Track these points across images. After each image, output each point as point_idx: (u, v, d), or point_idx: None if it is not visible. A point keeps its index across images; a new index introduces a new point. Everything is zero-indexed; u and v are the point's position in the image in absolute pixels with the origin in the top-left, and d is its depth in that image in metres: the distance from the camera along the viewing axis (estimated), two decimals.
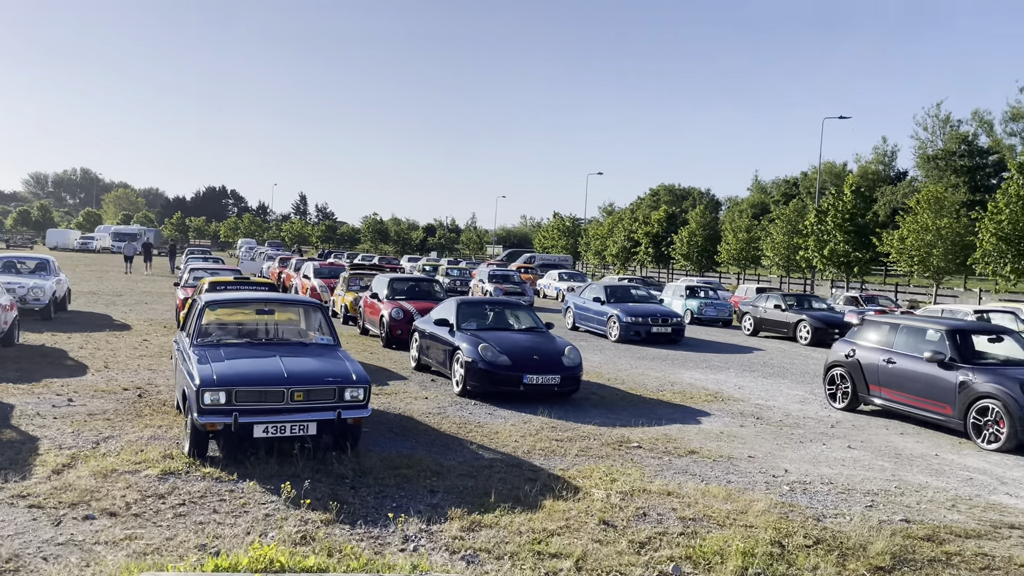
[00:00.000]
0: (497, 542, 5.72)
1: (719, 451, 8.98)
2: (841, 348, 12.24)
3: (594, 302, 21.08)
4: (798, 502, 7.15)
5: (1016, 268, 28.77)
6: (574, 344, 12.18)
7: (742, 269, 49.92)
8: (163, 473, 6.90)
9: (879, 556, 5.84)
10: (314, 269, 25.71)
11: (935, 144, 60.89)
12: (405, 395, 11.30)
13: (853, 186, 38.99)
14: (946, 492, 7.78)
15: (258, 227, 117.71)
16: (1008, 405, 9.45)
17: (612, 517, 6.40)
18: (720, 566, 5.49)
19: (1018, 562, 5.94)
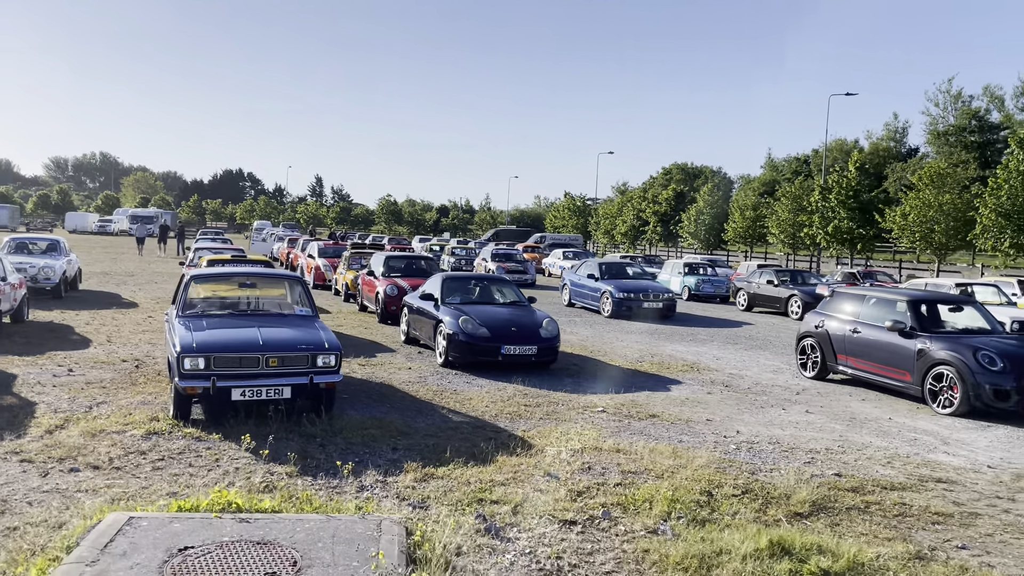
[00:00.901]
0: (445, 491, 6.24)
1: (679, 415, 9.45)
2: (812, 319, 12.64)
3: (588, 279, 21.51)
4: (739, 459, 7.61)
5: (1016, 243, 28.87)
6: (554, 317, 12.66)
7: (749, 247, 50.05)
8: (147, 433, 7.47)
9: (800, 504, 6.30)
10: (318, 249, 26.29)
11: (946, 120, 60.53)
12: (390, 366, 11.83)
13: (857, 163, 38.98)
14: (886, 451, 8.22)
15: (273, 209, 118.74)
16: (961, 371, 9.84)
17: (557, 470, 6.90)
18: (647, 511, 5.98)
19: (932, 510, 6.39)
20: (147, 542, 4.62)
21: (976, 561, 5.34)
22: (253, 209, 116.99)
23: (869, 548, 5.40)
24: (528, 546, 5.24)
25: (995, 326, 11.15)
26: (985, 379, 9.65)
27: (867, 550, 5.34)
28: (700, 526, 5.69)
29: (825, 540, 5.46)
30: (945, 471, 7.54)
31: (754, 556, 5.11)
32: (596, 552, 5.22)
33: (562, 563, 5.01)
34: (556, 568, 4.94)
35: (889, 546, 5.49)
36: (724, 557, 5.10)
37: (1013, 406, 9.61)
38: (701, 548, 5.23)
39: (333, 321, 17.01)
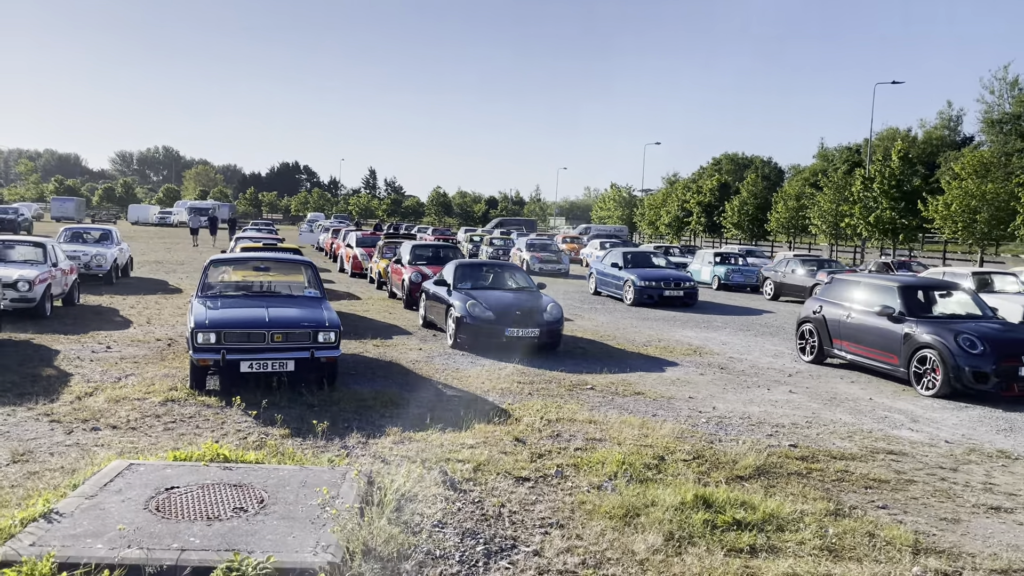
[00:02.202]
0: (418, 451, 6.92)
1: (664, 393, 9.97)
2: (811, 305, 12.99)
3: (612, 267, 21.99)
4: (703, 431, 8.13)
5: None
6: (560, 303, 13.27)
7: (792, 238, 49.68)
8: (165, 400, 8.33)
9: (743, 468, 6.82)
10: (356, 239, 27.26)
11: (1002, 108, 58.89)
12: (403, 347, 12.57)
13: (901, 152, 38.51)
14: (851, 427, 8.63)
15: (327, 201, 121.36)
16: (943, 354, 10.14)
17: (526, 436, 7.53)
18: (598, 471, 6.57)
19: (871, 476, 6.84)
20: (140, 483, 5.40)
21: (889, 518, 5.80)
22: (307, 201, 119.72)
23: (791, 505, 5.90)
24: (479, 496, 5.89)
25: (985, 311, 11.38)
26: (965, 362, 9.94)
27: (787, 506, 5.85)
28: (641, 484, 6.25)
29: (750, 497, 5.98)
30: (901, 445, 7.95)
31: (678, 508, 5.67)
32: (538, 503, 5.84)
33: (504, 510, 5.64)
34: (497, 514, 5.57)
35: (811, 504, 5.98)
36: (651, 508, 5.67)
37: (992, 388, 9.89)
38: (632, 501, 5.80)
39: (361, 306, 17.87)
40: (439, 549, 4.90)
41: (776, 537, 5.31)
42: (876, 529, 5.51)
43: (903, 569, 4.86)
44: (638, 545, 5.07)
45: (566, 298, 21.87)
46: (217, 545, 4.49)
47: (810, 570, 4.78)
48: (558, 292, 23.32)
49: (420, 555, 4.79)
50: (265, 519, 4.92)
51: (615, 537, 5.21)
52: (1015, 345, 10.10)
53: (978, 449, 7.90)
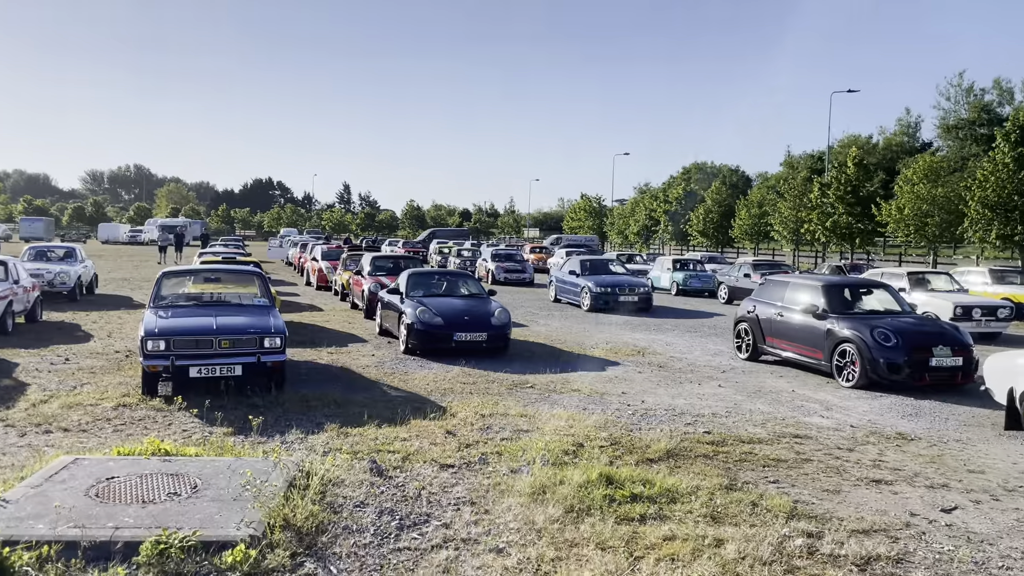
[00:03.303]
0: (353, 444, 7.41)
1: (599, 389, 10.52)
2: (746, 305, 13.64)
3: (570, 275, 22.59)
4: (627, 421, 8.68)
5: (1002, 234, 29.43)
6: (505, 307, 13.84)
7: (755, 244, 50.68)
8: (117, 406, 8.75)
9: (654, 452, 7.38)
10: (321, 252, 27.67)
11: (958, 114, 60.51)
12: (357, 354, 13.04)
13: (856, 159, 39.60)
14: (767, 415, 9.24)
15: (300, 217, 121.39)
16: (860, 348, 10.80)
17: (457, 429, 8.05)
18: (519, 456, 7.10)
19: (772, 457, 7.42)
20: (84, 474, 5.85)
21: (776, 491, 6.38)
22: (280, 217, 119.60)
23: (688, 481, 6.46)
24: (403, 481, 6.40)
25: (903, 307, 12.09)
26: (880, 354, 10.60)
27: (684, 482, 6.41)
28: (556, 467, 6.78)
29: (652, 476, 6.54)
30: (808, 430, 8.55)
31: (583, 485, 6.21)
32: (457, 485, 6.35)
33: (423, 492, 6.15)
34: (416, 495, 6.08)
35: (708, 480, 6.55)
36: (558, 487, 6.20)
37: (905, 378, 10.55)
38: (543, 481, 6.33)
39: (322, 317, 18.31)
40: (356, 524, 5.39)
41: (667, 508, 5.86)
42: (760, 499, 6.08)
43: (774, 531, 5.43)
44: (539, 517, 5.60)
45: (527, 305, 22.46)
46: (149, 524, 4.96)
47: (688, 533, 5.33)
48: (521, 300, 23.90)
49: (338, 529, 5.28)
50: (196, 502, 5.39)
51: (520, 511, 5.74)
52: (926, 338, 10.77)
53: (879, 432, 8.53)
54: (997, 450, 7.90)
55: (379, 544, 5.11)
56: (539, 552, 5.01)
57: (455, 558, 4.91)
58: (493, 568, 4.77)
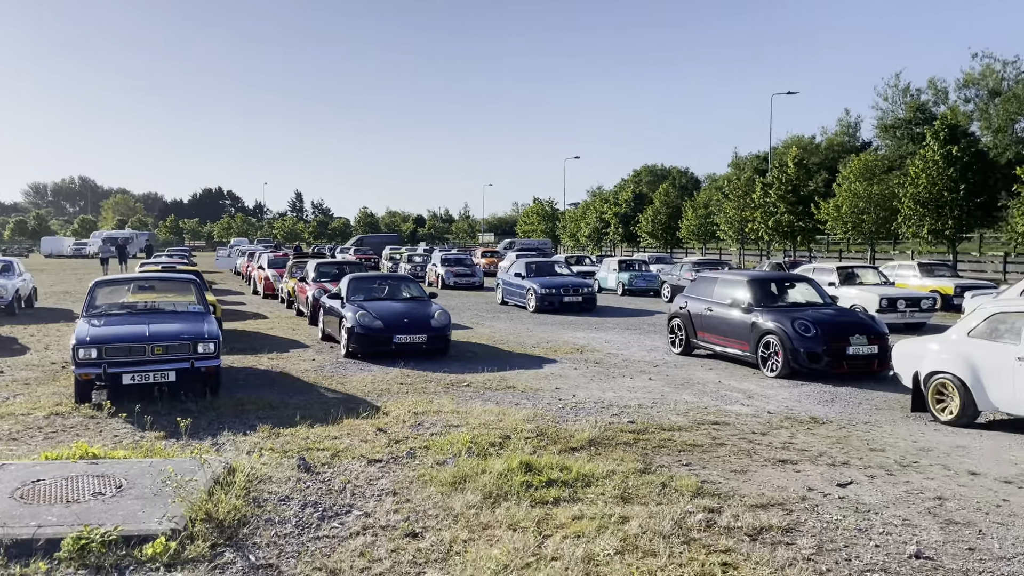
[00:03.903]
0: (284, 443, 7.58)
1: (534, 386, 10.81)
2: (678, 302, 14.07)
3: (516, 277, 22.91)
4: (555, 414, 8.98)
5: (933, 229, 30.52)
6: (446, 309, 14.06)
7: (703, 244, 51.62)
8: (49, 414, 8.78)
9: (577, 441, 7.67)
10: (268, 260, 27.59)
11: (895, 113, 62.37)
12: (297, 359, 13.15)
13: (796, 159, 40.67)
14: (691, 405, 9.62)
15: (251, 226, 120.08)
16: (782, 339, 11.27)
17: (389, 427, 8.26)
18: (447, 449, 7.34)
19: (689, 443, 7.77)
20: (9, 478, 5.94)
21: (687, 472, 6.72)
22: (230, 227, 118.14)
23: (605, 466, 6.77)
24: (329, 477, 6.60)
25: (825, 299, 12.62)
26: (800, 344, 11.08)
27: (601, 467, 6.72)
28: (481, 458, 7.04)
29: (571, 463, 6.83)
30: (727, 417, 8.94)
31: (503, 473, 6.47)
32: (382, 478, 6.57)
33: (350, 486, 6.36)
34: (341, 488, 6.29)
35: (624, 465, 6.86)
36: (480, 475, 6.46)
37: (824, 367, 11.05)
38: (466, 471, 6.59)
39: (267, 324, 18.33)
40: (279, 516, 5.59)
41: (582, 491, 6.15)
42: (670, 480, 6.41)
43: (678, 508, 5.75)
44: (457, 503, 5.85)
45: (474, 308, 22.70)
46: (72, 521, 5.10)
47: (597, 512, 5.63)
48: (469, 304, 24.15)
49: (260, 522, 5.47)
50: (121, 500, 5.53)
51: (440, 499, 5.98)
52: (844, 328, 11.29)
53: (793, 417, 8.96)
54: (901, 430, 8.37)
55: (300, 534, 5.31)
56: (453, 535, 5.26)
57: (371, 543, 5.13)
58: (407, 550, 5.01)
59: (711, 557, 4.86)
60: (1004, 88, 56.79)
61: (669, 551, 4.94)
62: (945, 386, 8.66)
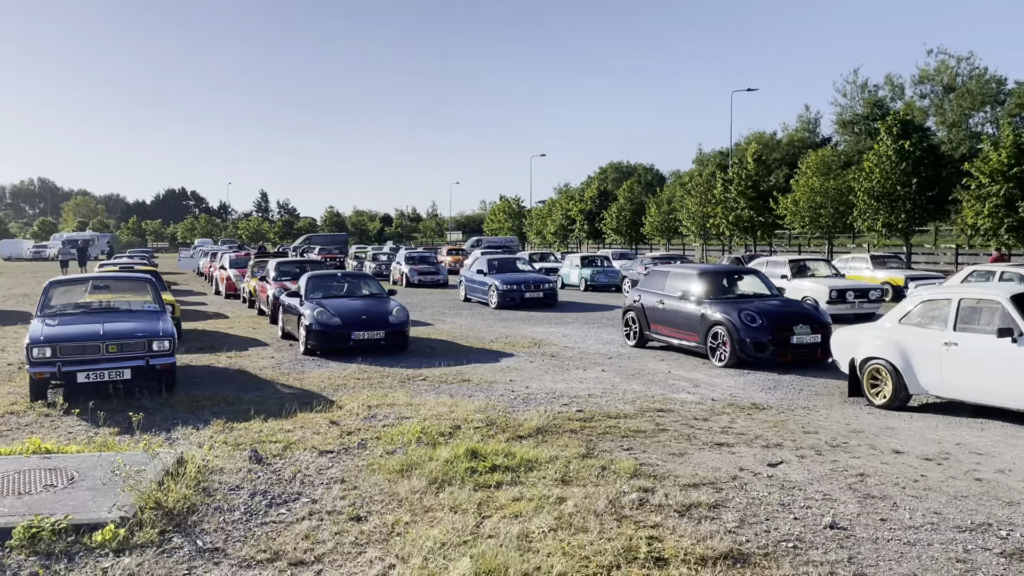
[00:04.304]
0: (237, 437, 7.73)
1: (489, 379, 11.04)
2: (632, 295, 14.40)
3: (478, 274, 23.13)
4: (506, 405, 9.22)
5: (887, 222, 31.28)
6: (404, 306, 14.26)
7: (667, 240, 52.25)
8: (4, 413, 8.84)
9: (525, 430, 7.92)
10: (230, 260, 27.51)
11: (853, 109, 63.59)
12: (256, 357, 13.25)
13: (755, 155, 41.37)
14: (639, 394, 9.91)
15: (215, 227, 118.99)
16: (730, 329, 11.62)
17: (342, 420, 8.44)
18: (397, 439, 7.55)
19: (633, 429, 8.05)
20: None
21: (627, 456, 6.99)
22: (194, 228, 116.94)
23: (549, 452, 7.02)
24: (280, 467, 6.77)
25: (772, 291, 13.03)
26: (747, 334, 11.45)
27: (545, 453, 6.97)
28: (430, 447, 7.26)
29: (516, 449, 7.07)
30: (672, 404, 9.25)
31: (450, 460, 6.70)
32: (332, 467, 6.76)
33: (300, 475, 6.54)
34: (291, 477, 6.47)
35: (568, 451, 7.12)
36: (427, 463, 6.68)
37: (769, 356, 11.42)
38: (414, 459, 6.80)
39: (227, 324, 18.36)
40: (228, 504, 5.76)
41: (524, 475, 6.40)
42: (610, 464, 6.68)
43: (614, 488, 6.02)
44: (403, 488, 6.07)
45: (437, 305, 22.89)
46: (23, 511, 5.24)
47: (536, 493, 5.88)
48: (432, 301, 24.31)
49: (209, 509, 5.64)
50: (72, 491, 5.67)
51: (387, 485, 6.20)
52: (788, 318, 11.68)
53: (735, 403, 9.29)
54: (836, 414, 8.74)
55: (247, 520, 5.49)
56: (396, 517, 5.48)
57: (316, 527, 5.33)
58: (350, 533, 5.22)
59: (639, 532, 5.13)
60: (958, 84, 58.19)
61: (600, 528, 5.21)
62: (879, 371, 9.05)
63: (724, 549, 4.81)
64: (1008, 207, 25.56)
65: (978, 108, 55.86)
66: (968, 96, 55.35)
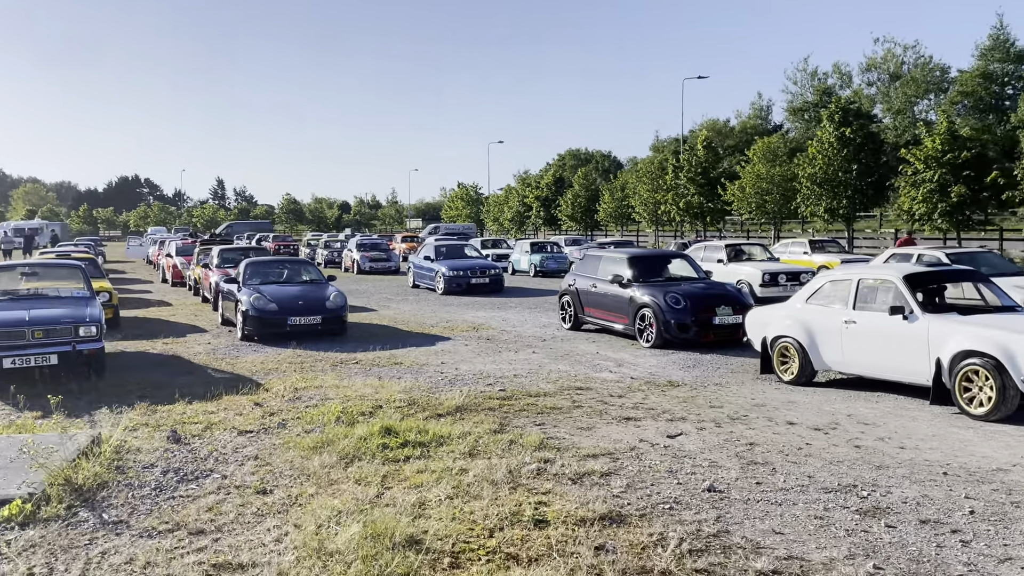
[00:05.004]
0: (158, 419, 7.88)
1: (421, 361, 11.28)
2: (568, 279, 14.73)
3: (426, 260, 23.31)
4: (431, 386, 9.47)
5: (829, 208, 32.07)
6: (342, 291, 14.42)
7: (620, 226, 52.84)
8: None
9: (445, 408, 8.18)
10: (176, 248, 27.32)
11: (803, 96, 64.70)
12: (193, 343, 13.33)
13: (704, 142, 42.02)
14: (563, 374, 10.23)
15: (169, 215, 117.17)
16: (655, 311, 12.00)
17: (266, 401, 8.63)
18: (318, 419, 7.76)
19: (550, 406, 8.36)
20: None
21: (537, 431, 7.28)
22: (147, 215, 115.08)
23: (462, 428, 7.29)
24: (198, 447, 6.95)
25: (699, 274, 13.46)
26: (671, 316, 11.83)
27: (458, 429, 7.24)
28: (348, 426, 7.48)
29: (431, 426, 7.33)
30: (592, 383, 9.58)
31: (364, 437, 6.94)
32: (248, 446, 6.96)
33: (216, 454, 6.73)
34: (207, 456, 6.66)
35: (482, 427, 7.39)
36: (342, 440, 6.91)
37: (693, 336, 11.83)
38: (331, 436, 7.03)
39: (169, 311, 18.33)
40: (139, 481, 5.94)
41: (434, 450, 6.66)
42: (519, 438, 6.97)
43: (516, 460, 6.31)
44: (313, 464, 6.30)
45: (385, 292, 23.03)
46: None
47: (441, 466, 6.15)
48: (381, 288, 24.44)
49: (120, 486, 5.82)
50: None
51: (299, 461, 6.41)
52: (710, 300, 12.09)
53: (652, 381, 9.66)
54: (745, 390, 9.14)
55: (156, 495, 5.68)
56: (301, 490, 5.71)
57: (222, 500, 5.54)
58: (253, 504, 5.44)
59: (530, 498, 5.42)
60: (904, 72, 59.52)
61: (494, 495, 5.49)
62: (787, 349, 9.48)
63: (604, 511, 5.13)
64: (941, 192, 26.45)
65: (922, 96, 57.23)
66: (913, 84, 56.66)
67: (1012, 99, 47.99)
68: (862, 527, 4.86)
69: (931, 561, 4.37)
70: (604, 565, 4.33)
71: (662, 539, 4.68)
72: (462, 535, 4.79)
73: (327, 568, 4.32)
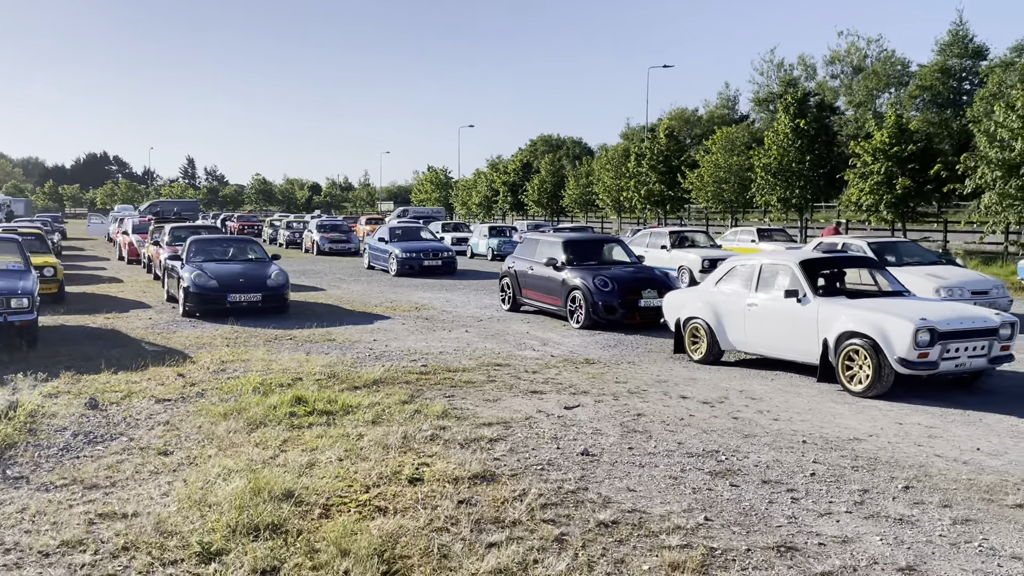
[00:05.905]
0: (81, 388, 8.14)
1: (354, 339, 11.60)
2: (508, 262, 15.10)
3: (380, 242, 23.57)
4: (356, 360, 9.81)
5: (783, 197, 32.72)
6: (283, 269, 14.68)
7: (584, 213, 53.31)
8: None
9: (363, 381, 8.53)
10: (132, 226, 27.31)
11: (769, 87, 65.50)
12: (135, 318, 13.53)
13: (666, 130, 42.52)
14: (487, 351, 10.61)
15: (137, 193, 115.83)
16: (585, 294, 12.42)
17: (190, 373, 8.92)
18: (235, 389, 8.07)
19: (465, 380, 8.73)
20: None
21: (444, 402, 7.65)
22: (114, 193, 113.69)
23: (373, 399, 7.64)
24: (114, 413, 7.24)
25: (632, 258, 13.91)
26: (599, 298, 12.26)
27: (368, 400, 7.60)
28: (263, 395, 7.80)
29: (344, 397, 7.68)
30: (513, 360, 9.97)
31: (275, 406, 7.27)
32: (163, 413, 7.27)
33: (129, 419, 7.03)
34: (120, 421, 6.96)
35: (393, 398, 7.75)
36: (254, 408, 7.23)
37: (619, 318, 12.27)
38: (243, 404, 7.35)
39: (119, 288, 18.46)
40: (48, 442, 6.24)
41: (340, 418, 7.01)
42: (422, 408, 7.34)
43: (413, 427, 6.69)
44: (220, 429, 6.63)
45: (338, 272, 23.27)
46: None
47: (340, 432, 6.50)
48: (337, 268, 24.66)
49: (28, 447, 6.11)
50: None
51: (208, 427, 6.74)
52: (637, 283, 12.54)
53: (570, 359, 10.07)
54: (654, 368, 9.59)
55: (62, 455, 5.98)
56: (201, 452, 6.05)
57: (123, 460, 5.86)
58: (152, 463, 5.76)
59: (415, 459, 5.80)
60: (867, 65, 60.47)
61: (381, 457, 5.87)
62: (697, 329, 9.94)
63: (477, 471, 5.52)
64: (887, 184, 27.13)
65: (884, 89, 58.18)
66: (875, 77, 57.59)
67: (969, 94, 48.99)
68: (708, 486, 5.30)
69: (758, 514, 4.82)
70: (461, 516, 4.73)
71: (523, 495, 5.08)
72: (339, 491, 5.16)
73: (203, 516, 4.67)
